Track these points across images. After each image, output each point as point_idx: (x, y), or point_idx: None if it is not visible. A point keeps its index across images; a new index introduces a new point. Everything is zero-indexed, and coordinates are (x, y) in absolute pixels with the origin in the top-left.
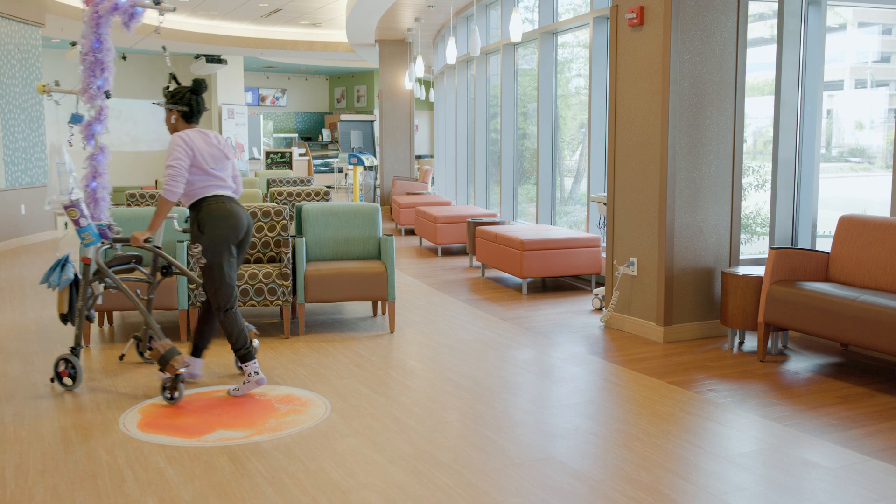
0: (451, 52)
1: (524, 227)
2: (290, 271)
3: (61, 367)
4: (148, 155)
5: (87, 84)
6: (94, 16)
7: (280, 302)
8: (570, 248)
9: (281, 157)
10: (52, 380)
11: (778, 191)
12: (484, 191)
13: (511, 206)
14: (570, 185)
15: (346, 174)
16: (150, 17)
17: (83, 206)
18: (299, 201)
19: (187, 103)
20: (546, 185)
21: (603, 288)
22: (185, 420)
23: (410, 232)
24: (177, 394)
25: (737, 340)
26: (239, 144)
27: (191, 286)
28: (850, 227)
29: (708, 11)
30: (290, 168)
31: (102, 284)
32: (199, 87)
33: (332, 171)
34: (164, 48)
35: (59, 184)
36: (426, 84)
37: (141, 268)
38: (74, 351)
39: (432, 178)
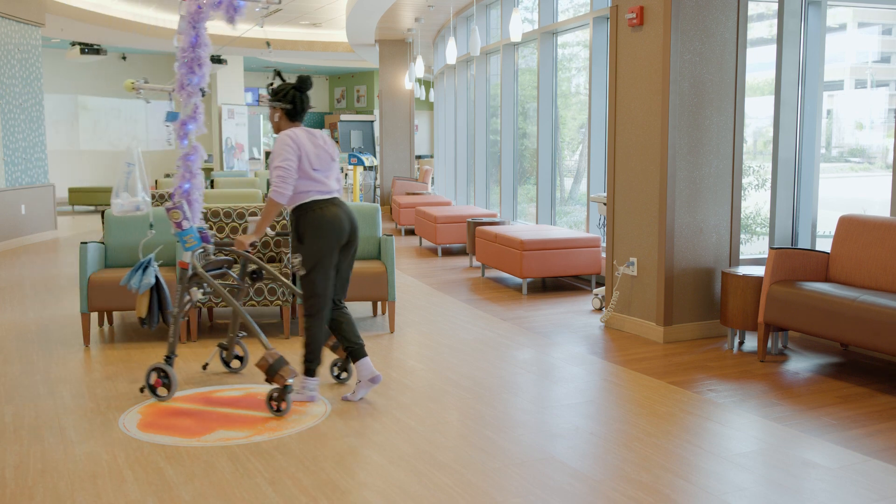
0: (451, 52)
1: (524, 227)
2: (290, 271)
3: (154, 378)
4: (148, 155)
5: (183, 81)
6: (196, 11)
7: (280, 302)
8: (570, 248)
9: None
10: (142, 389)
11: (778, 191)
12: (484, 191)
13: (511, 206)
14: (570, 185)
15: (346, 174)
16: (151, 17)
17: (186, 208)
18: None
19: (291, 100)
20: (546, 185)
21: (603, 288)
22: (185, 420)
23: (410, 232)
24: (284, 406)
25: (737, 340)
26: (239, 144)
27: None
28: (850, 227)
29: (708, 11)
30: None
31: (201, 290)
32: (303, 83)
33: None
34: (267, 44)
35: (126, 186)
36: (426, 84)
37: (232, 273)
38: (168, 360)
39: (432, 178)
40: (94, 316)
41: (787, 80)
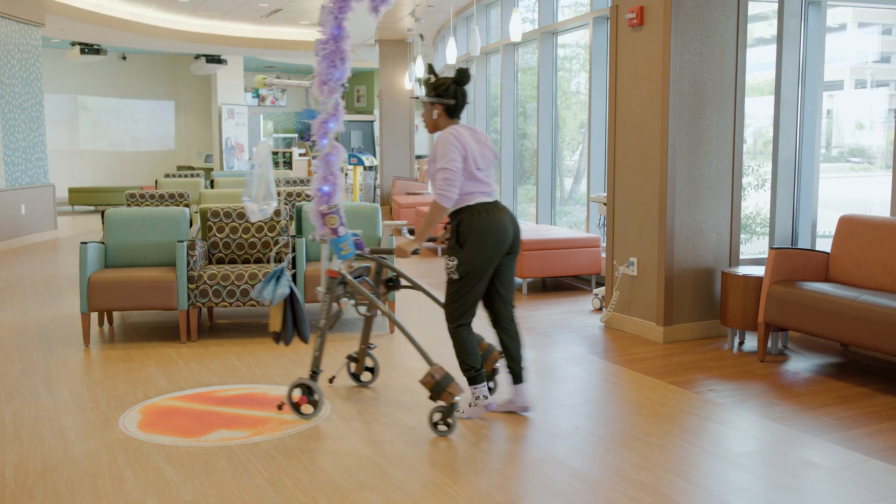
0: (451, 52)
1: (524, 227)
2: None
3: (297, 395)
4: (148, 155)
5: (325, 76)
6: (339, 1)
7: None
8: (570, 248)
9: (281, 158)
10: (281, 406)
11: (778, 191)
12: None
13: (511, 206)
14: (570, 185)
15: (346, 174)
16: (153, 17)
17: (342, 213)
18: (299, 201)
19: (453, 96)
20: (546, 185)
21: (603, 288)
22: (185, 420)
23: (411, 232)
24: (451, 423)
25: (737, 340)
26: (239, 144)
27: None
28: (850, 227)
29: (708, 11)
30: (290, 168)
31: (352, 301)
32: (463, 77)
33: None
34: (420, 36)
35: (256, 189)
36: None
37: (369, 280)
38: (314, 376)
39: None
40: (94, 316)
41: (787, 80)
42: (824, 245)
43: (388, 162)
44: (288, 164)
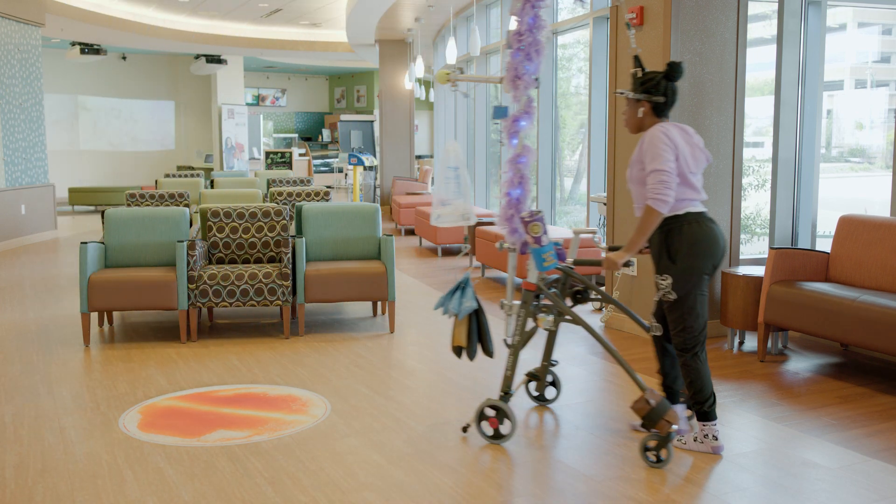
0: (451, 52)
1: None
2: (290, 271)
3: (489, 416)
4: (148, 155)
5: (517, 70)
6: None
7: (280, 302)
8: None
9: (281, 158)
10: (466, 429)
11: (778, 191)
12: (484, 191)
13: None
14: (570, 185)
15: (346, 174)
16: (153, 17)
17: (545, 221)
18: (299, 201)
19: (663, 92)
20: (546, 185)
21: (603, 288)
22: (185, 420)
23: (410, 232)
24: (665, 455)
25: (737, 340)
26: (239, 144)
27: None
28: (850, 227)
29: (708, 11)
30: (290, 168)
31: (551, 316)
32: (674, 71)
33: (332, 171)
34: (627, 24)
35: (451, 193)
36: (426, 84)
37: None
38: (505, 397)
39: (432, 178)
40: (94, 316)
41: (787, 80)
42: (824, 245)
43: (388, 162)
44: (288, 164)
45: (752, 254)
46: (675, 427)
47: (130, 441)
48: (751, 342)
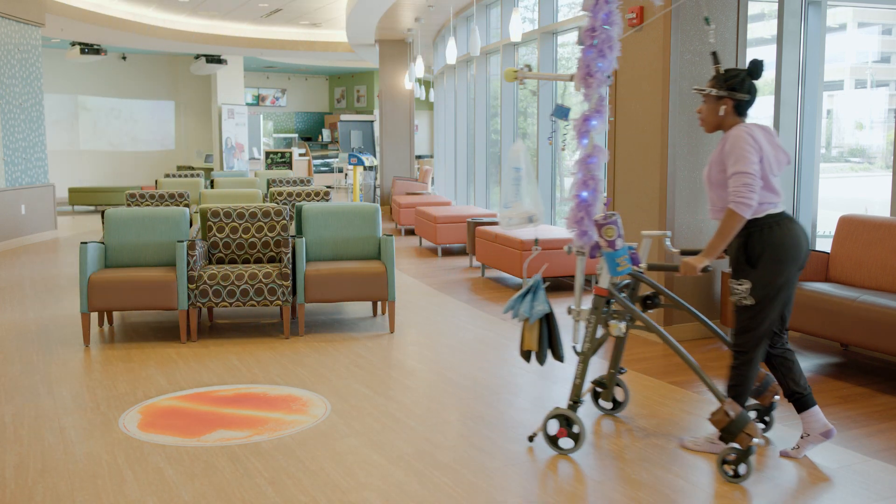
0: (451, 53)
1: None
2: (290, 271)
3: (556, 427)
4: (148, 155)
5: (591, 66)
6: None
7: (280, 302)
8: None
9: (281, 158)
10: (532, 438)
11: None
12: (484, 191)
13: None
14: (570, 185)
15: (346, 174)
16: (153, 17)
17: (620, 224)
18: (299, 201)
19: (747, 90)
20: (546, 185)
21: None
22: (185, 420)
23: (410, 232)
24: (743, 471)
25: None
26: (239, 144)
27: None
28: (850, 227)
29: (708, 11)
30: (290, 168)
31: (624, 323)
32: (757, 69)
33: (332, 171)
34: (706, 19)
35: (515, 195)
36: (426, 84)
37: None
38: (574, 406)
39: (432, 178)
40: (94, 316)
41: (788, 79)
42: (824, 245)
43: (388, 162)
44: (288, 164)
45: None
46: (756, 440)
47: (130, 441)
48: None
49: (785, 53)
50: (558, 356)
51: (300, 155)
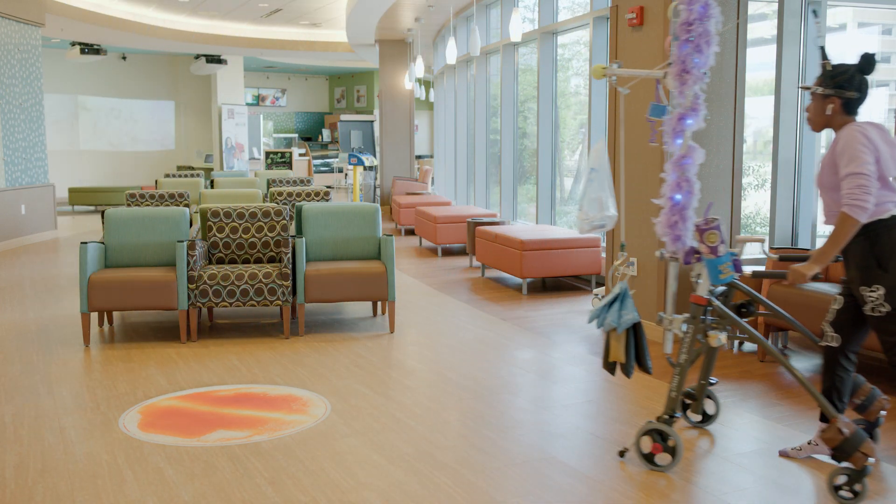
0: (451, 52)
1: (524, 227)
2: (289, 271)
3: (649, 443)
4: (148, 155)
5: (687, 62)
6: None
7: (280, 302)
8: (570, 248)
9: (281, 158)
10: (623, 453)
11: (778, 191)
12: (484, 191)
13: (511, 206)
14: (570, 185)
15: (346, 174)
16: (153, 17)
17: (723, 229)
18: (299, 201)
19: (857, 88)
20: (546, 185)
21: (603, 288)
22: (185, 420)
23: (410, 232)
24: (860, 491)
25: (737, 340)
26: (239, 144)
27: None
28: None
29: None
30: (290, 168)
31: (724, 334)
32: (868, 64)
33: (332, 171)
34: (814, 12)
35: (591, 196)
36: (426, 84)
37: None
38: (669, 420)
39: (432, 178)
40: (94, 316)
41: (787, 79)
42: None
43: (388, 162)
44: (288, 164)
45: (753, 254)
46: (871, 460)
47: (130, 441)
48: (751, 342)
49: (785, 53)
50: (645, 368)
51: (300, 155)
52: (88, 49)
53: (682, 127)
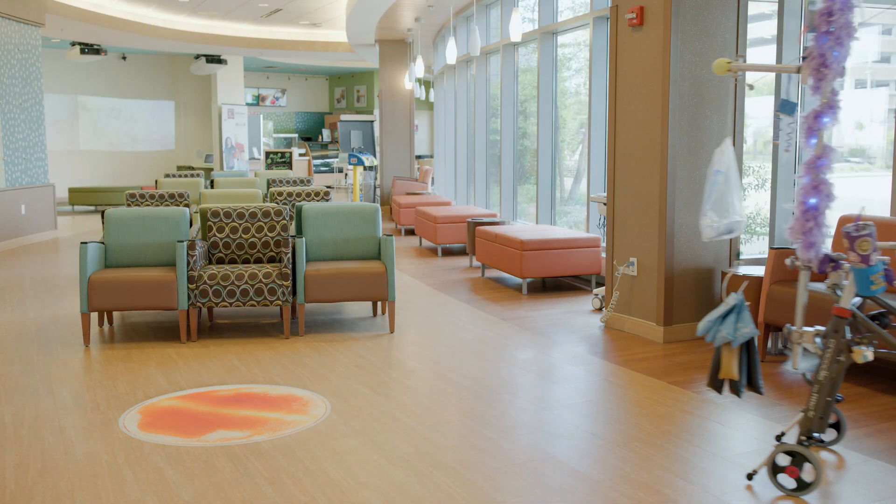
0: (451, 52)
1: (524, 227)
2: (290, 271)
3: (785, 462)
4: (148, 155)
5: (826, 56)
6: None
7: (280, 302)
8: (570, 248)
9: (281, 158)
10: (751, 476)
11: (778, 191)
12: (484, 191)
13: (511, 206)
14: (570, 185)
15: (346, 174)
16: (153, 17)
17: (875, 235)
18: (299, 201)
19: None
20: (546, 185)
21: (603, 288)
22: (185, 420)
23: (410, 232)
24: None
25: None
26: (239, 144)
27: None
28: None
29: (708, 11)
30: (290, 168)
31: (871, 349)
32: None
33: (332, 171)
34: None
35: (717, 201)
36: (426, 84)
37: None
38: (807, 442)
39: (432, 178)
40: (94, 316)
41: (787, 79)
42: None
43: (388, 162)
44: (288, 164)
45: (752, 254)
46: None
47: (130, 441)
48: None
49: (785, 53)
50: (756, 387)
51: (300, 155)
52: (88, 49)
53: (818, 125)
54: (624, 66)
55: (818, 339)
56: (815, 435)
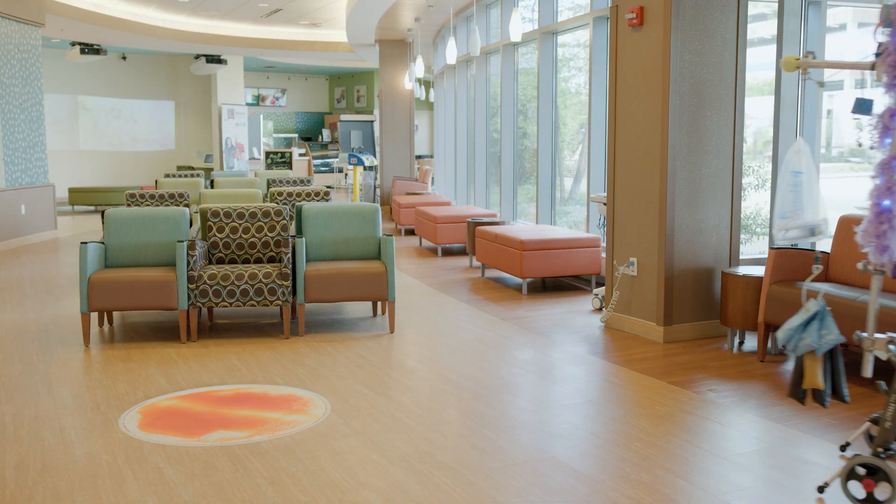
0: (451, 52)
1: (524, 227)
2: (290, 271)
3: (861, 473)
4: (148, 155)
5: None
6: None
7: (280, 302)
8: (570, 248)
9: (281, 158)
10: (823, 489)
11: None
12: (484, 191)
13: (511, 206)
14: (570, 185)
15: (346, 174)
16: (153, 17)
17: None
18: (299, 201)
19: None
20: (546, 185)
21: (603, 288)
22: (185, 420)
23: (410, 232)
24: None
25: (737, 340)
26: (239, 144)
27: None
28: (849, 227)
29: (708, 11)
30: (290, 168)
31: None
32: None
33: (332, 171)
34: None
35: (795, 202)
36: (426, 84)
37: None
38: (883, 454)
39: (432, 178)
40: (94, 316)
41: (787, 79)
42: (824, 245)
43: (388, 162)
44: (288, 164)
45: (752, 254)
46: None
47: (130, 441)
48: (751, 342)
49: (785, 53)
50: (841, 395)
51: (300, 155)
52: (88, 49)
53: (893, 124)
54: (624, 66)
55: (892, 346)
56: (893, 447)
